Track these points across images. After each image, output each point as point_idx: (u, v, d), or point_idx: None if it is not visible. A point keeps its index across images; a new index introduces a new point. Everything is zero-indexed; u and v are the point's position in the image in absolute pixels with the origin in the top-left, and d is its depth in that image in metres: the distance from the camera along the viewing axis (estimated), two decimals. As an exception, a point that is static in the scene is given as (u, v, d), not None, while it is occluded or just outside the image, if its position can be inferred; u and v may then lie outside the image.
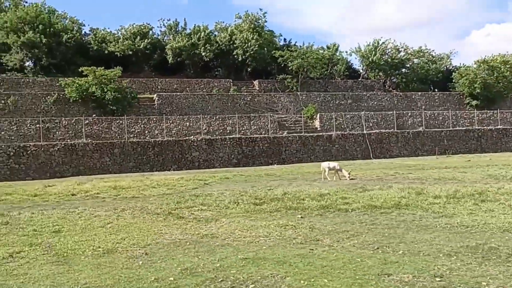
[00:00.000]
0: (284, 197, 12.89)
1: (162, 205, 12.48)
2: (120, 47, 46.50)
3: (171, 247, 7.61)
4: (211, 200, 13.04)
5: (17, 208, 13.68)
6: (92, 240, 8.23)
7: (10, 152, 28.21)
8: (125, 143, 30.52)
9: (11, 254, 7.26)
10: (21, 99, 36.51)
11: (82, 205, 13.85)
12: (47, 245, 7.74)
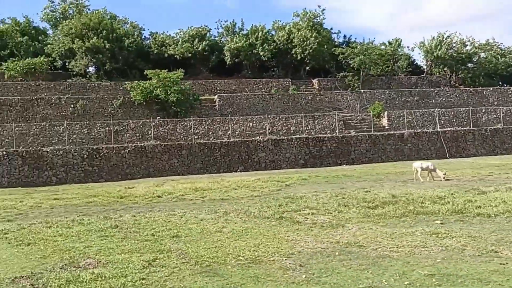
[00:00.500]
0: (398, 200, 11.76)
1: (263, 208, 11.71)
2: (180, 50, 46.79)
3: (320, 257, 6.77)
4: (314, 203, 12.14)
5: (112, 211, 13.41)
6: (222, 247, 7.51)
7: (84, 155, 28.76)
8: (192, 145, 30.34)
9: (149, 262, 6.67)
10: (89, 103, 37.40)
11: (175, 207, 13.37)
12: (180, 252, 7.09)
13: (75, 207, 15.09)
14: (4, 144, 31.68)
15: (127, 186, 20.80)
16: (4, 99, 36.28)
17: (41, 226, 10.62)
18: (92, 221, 10.78)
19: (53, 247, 8.18)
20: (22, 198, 18.86)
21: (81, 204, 15.80)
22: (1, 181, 27.38)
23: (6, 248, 8.39)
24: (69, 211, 14.08)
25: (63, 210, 14.36)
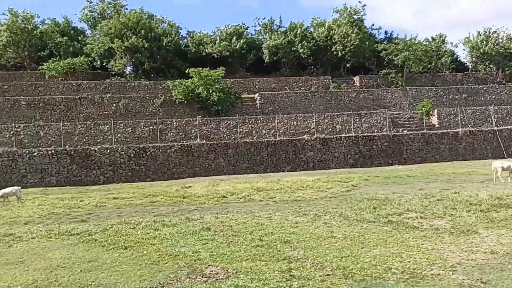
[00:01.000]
0: (509, 203, 10.65)
1: (355, 210, 10.80)
2: (217, 48, 46.30)
3: (492, 271, 5.84)
4: (408, 205, 11.14)
5: (185, 211, 12.76)
6: (356, 256, 6.64)
7: (131, 154, 28.46)
8: (239, 144, 29.65)
9: (286, 272, 5.87)
10: (131, 102, 37.24)
11: (250, 208, 12.61)
12: (312, 262, 6.25)
13: (142, 207, 14.53)
14: (50, 143, 31.75)
15: (183, 185, 20.19)
16: (48, 98, 36.49)
17: (125, 227, 10.02)
18: (176, 223, 10.12)
19: (155, 251, 7.51)
20: (79, 197, 18.53)
21: (146, 203, 15.25)
22: (50, 180, 27.34)
23: (103, 252, 7.77)
24: (138, 211, 13.52)
25: (131, 210, 13.81)
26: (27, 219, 12.71)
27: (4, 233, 10.19)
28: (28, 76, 45.12)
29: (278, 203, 13.78)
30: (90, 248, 8.17)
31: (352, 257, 6.46)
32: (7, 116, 35.06)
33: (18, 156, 27.22)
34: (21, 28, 46.93)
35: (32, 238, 9.52)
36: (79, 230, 10.02)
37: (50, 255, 7.85)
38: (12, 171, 27.03)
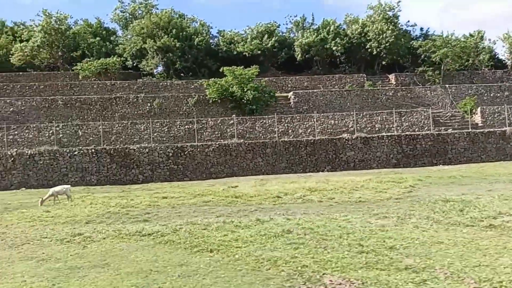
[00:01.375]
0: None
1: (440, 213, 10.09)
2: (249, 47, 45.89)
3: None
4: (499, 207, 10.34)
5: (245, 212, 12.27)
6: (483, 266, 5.96)
7: (169, 153, 28.24)
8: (277, 143, 29.10)
9: (424, 282, 5.27)
10: (165, 101, 37.14)
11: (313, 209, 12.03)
12: (447, 273, 5.55)
13: (196, 206, 14.14)
14: (88, 142, 31.86)
15: (230, 185, 19.74)
16: (85, 98, 36.71)
17: (196, 228, 9.57)
18: (249, 224, 9.62)
19: (246, 255, 7.01)
20: (126, 196, 18.28)
21: (199, 203, 14.85)
22: (90, 178, 27.34)
23: (188, 255, 7.32)
24: (196, 211, 13.11)
25: (187, 209, 13.41)
26: (87, 218, 12.44)
27: (71, 233, 9.89)
28: (62, 76, 45.64)
29: (342, 204, 13.15)
30: (171, 250, 7.73)
31: (484, 267, 5.79)
32: (44, 115, 35.41)
33: (60, 155, 27.32)
34: (55, 29, 47.50)
35: (104, 239, 9.17)
36: (149, 230, 9.63)
37: (132, 257, 7.44)
38: (53, 170, 27.14)
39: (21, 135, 31.60)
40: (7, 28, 53.86)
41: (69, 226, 11.17)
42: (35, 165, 27.02)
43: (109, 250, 8.09)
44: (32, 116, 35.26)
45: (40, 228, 11.16)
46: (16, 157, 26.86)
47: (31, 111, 35.43)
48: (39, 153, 27.22)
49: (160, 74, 47.54)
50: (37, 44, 46.85)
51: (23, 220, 12.91)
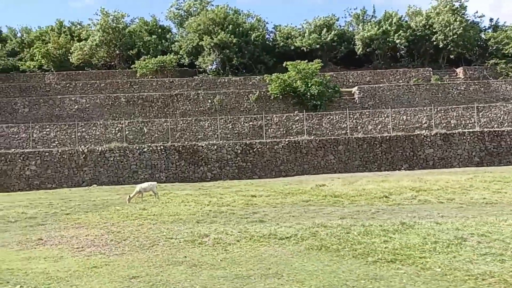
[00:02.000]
0: None
1: None
2: (307, 41, 44.60)
3: None
4: None
5: (366, 213, 11.07)
6: None
7: (238, 150, 27.44)
8: (350, 140, 27.67)
9: None
10: (225, 98, 36.49)
11: (445, 211, 10.68)
12: None
13: (301, 206, 13.08)
14: (154, 140, 31.64)
15: (320, 184, 18.56)
16: (146, 95, 36.63)
17: (337, 231, 8.47)
18: (397, 228, 8.43)
19: (445, 267, 5.83)
20: (207, 194, 17.54)
21: (300, 203, 13.78)
22: (160, 175, 26.95)
23: (365, 265, 6.22)
24: (307, 211, 12.03)
25: (297, 210, 12.36)
26: (192, 217, 11.67)
27: (195, 234, 9.05)
28: (120, 74, 46.07)
29: (470, 206, 11.71)
30: (338, 259, 6.66)
31: None
32: (108, 113, 35.61)
33: (129, 151, 27.12)
34: (113, 27, 48.01)
35: (237, 241, 8.26)
36: (283, 233, 8.64)
37: (297, 265, 6.44)
38: (123, 167, 26.96)
39: (88, 132, 31.79)
40: (65, 28, 55.07)
41: (182, 226, 10.38)
42: (106, 161, 26.93)
43: (258, 255, 7.13)
44: (96, 114, 35.55)
45: (152, 227, 10.43)
46: (87, 153, 26.88)
47: (95, 108, 35.72)
48: (110, 149, 27.12)
49: (213, 71, 47.07)
50: (95, 43, 47.50)
51: (123, 217, 12.30)
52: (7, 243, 9.47)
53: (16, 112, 34.84)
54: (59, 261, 7.49)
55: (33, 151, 26.77)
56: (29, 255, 8.06)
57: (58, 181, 26.39)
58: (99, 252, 7.99)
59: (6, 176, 26.05)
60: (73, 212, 13.90)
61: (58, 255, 7.92)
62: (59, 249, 8.53)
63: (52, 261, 7.46)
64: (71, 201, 17.96)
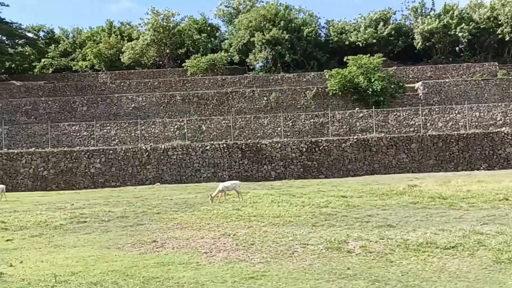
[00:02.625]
0: None
1: None
2: (363, 36, 42.94)
3: None
4: None
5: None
6: None
7: (303, 148, 26.32)
8: (424, 137, 26.00)
9: None
10: (281, 95, 35.46)
11: None
12: None
13: (417, 209, 11.79)
14: (212, 137, 31.04)
15: (412, 184, 17.18)
16: (201, 93, 36.13)
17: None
18: None
19: None
20: (286, 193, 16.56)
21: (409, 204, 12.50)
22: (222, 174, 26.21)
23: None
24: (430, 215, 10.74)
25: (418, 214, 11.07)
26: (299, 219, 10.77)
27: (335, 239, 7.98)
28: (171, 73, 45.91)
29: None
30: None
31: None
32: (164, 111, 35.32)
33: (192, 149, 26.52)
34: (163, 26, 47.95)
35: (393, 250, 7.20)
36: (441, 241, 7.50)
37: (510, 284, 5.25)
38: (186, 165, 26.39)
39: (147, 130, 31.54)
40: (115, 28, 55.63)
41: (301, 229, 9.40)
42: (168, 160, 26.44)
43: (442, 268, 5.98)
44: (152, 112, 35.32)
45: (267, 230, 9.49)
46: (150, 151, 26.48)
47: (151, 106, 35.51)
48: (172, 147, 26.63)
49: (261, 68, 46.19)
50: (146, 42, 47.58)
51: (222, 218, 11.46)
52: (120, 245, 8.75)
53: (75, 110, 35.11)
54: (199, 268, 6.62)
55: (97, 149, 26.63)
56: (158, 260, 7.24)
57: (122, 179, 26.12)
58: (237, 258, 7.08)
59: (71, 173, 26.01)
60: (163, 212, 13.19)
61: (192, 261, 7.07)
62: (184, 253, 7.69)
63: (193, 268, 6.60)
64: (147, 199, 17.39)
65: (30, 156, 25.95)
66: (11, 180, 25.49)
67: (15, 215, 13.53)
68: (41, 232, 10.47)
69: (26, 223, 11.96)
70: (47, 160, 25.98)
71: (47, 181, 25.81)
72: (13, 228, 11.31)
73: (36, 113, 34.76)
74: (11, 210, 15.29)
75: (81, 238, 9.62)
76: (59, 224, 11.53)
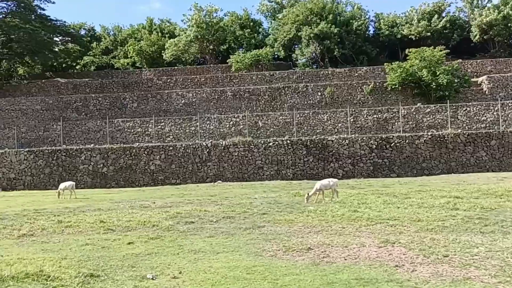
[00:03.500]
0: None
1: None
2: (416, 29, 41.05)
3: None
4: None
5: None
6: None
7: (372, 145, 24.82)
8: (504, 134, 24.16)
9: None
10: (336, 90, 33.99)
11: None
12: None
13: None
14: (269, 134, 29.87)
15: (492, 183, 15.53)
16: (253, 88, 35.00)
17: None
18: None
19: None
20: (387, 192, 15.16)
21: None
22: (286, 172, 24.97)
23: None
24: None
25: None
26: (442, 224, 9.29)
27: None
28: (214, 69, 45.00)
29: None
30: None
31: None
32: (214, 107, 34.36)
33: (254, 146, 25.35)
34: (206, 22, 47.08)
35: None
36: None
37: None
38: (248, 162, 25.25)
39: (202, 126, 30.59)
40: (155, 26, 55.18)
41: (468, 237, 8.01)
42: (230, 156, 25.35)
43: None
44: (203, 108, 34.39)
45: (434, 237, 8.13)
46: (211, 148, 25.45)
47: (201, 102, 34.60)
48: (234, 144, 25.52)
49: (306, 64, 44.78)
50: (189, 38, 46.80)
51: (347, 221, 10.18)
52: (269, 251, 7.57)
53: (125, 107, 34.48)
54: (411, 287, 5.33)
55: (157, 145, 25.77)
56: (353, 275, 5.96)
57: (182, 177, 25.17)
58: (452, 275, 5.75)
59: (131, 170, 25.21)
60: (268, 213, 11.99)
61: (393, 278, 5.78)
62: (369, 266, 6.42)
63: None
64: (227, 198, 16.27)
65: (90, 153, 25.27)
66: (70, 177, 24.84)
67: (108, 214, 12.58)
68: (159, 234, 9.39)
69: (127, 223, 10.94)
70: (107, 156, 25.26)
71: (106, 178, 25.08)
72: (119, 229, 10.29)
73: (87, 110, 34.28)
74: (94, 209, 14.39)
75: (210, 242, 8.50)
76: (168, 224, 10.47)
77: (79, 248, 8.31)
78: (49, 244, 8.87)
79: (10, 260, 7.15)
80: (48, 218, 12.37)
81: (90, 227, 10.65)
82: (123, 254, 7.64)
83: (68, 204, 16.09)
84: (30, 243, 9.01)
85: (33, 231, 10.25)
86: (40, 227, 10.70)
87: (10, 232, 10.19)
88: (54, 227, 10.73)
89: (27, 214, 13.67)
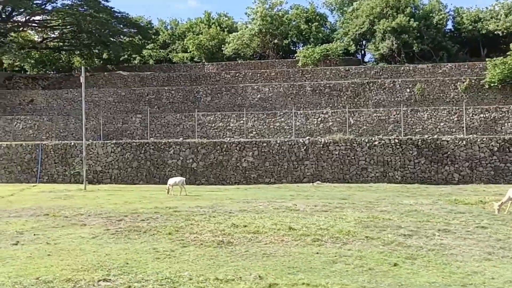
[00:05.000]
0: None
1: None
2: (504, 25, 37.80)
3: None
4: None
5: None
6: None
7: (494, 147, 22.06)
8: None
9: None
10: (427, 87, 31.25)
11: None
12: None
13: None
14: (361, 132, 27.47)
15: None
16: (334, 83, 32.64)
17: None
18: None
19: None
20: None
21: None
22: (393, 175, 22.49)
23: None
24: None
25: None
26: None
27: None
28: (279, 64, 42.88)
29: None
30: None
31: None
32: (292, 102, 32.16)
33: (357, 144, 22.97)
34: (271, 15, 45.05)
35: None
36: None
37: None
38: (350, 162, 22.88)
39: (287, 122, 28.45)
40: (214, 20, 53.57)
41: None
42: (330, 155, 23.05)
43: None
44: (280, 103, 32.28)
45: None
46: (308, 145, 23.21)
47: (278, 97, 32.48)
48: (334, 142, 23.21)
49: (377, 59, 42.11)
50: (253, 31, 44.87)
51: None
52: None
53: (198, 100, 32.70)
54: None
55: (249, 141, 23.73)
56: None
57: (277, 175, 23.04)
58: None
59: (221, 167, 23.25)
60: (490, 225, 9.62)
61: None
62: None
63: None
64: (354, 203, 13.98)
65: (178, 147, 23.44)
66: (158, 172, 23.13)
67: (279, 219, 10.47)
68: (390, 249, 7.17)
69: (320, 231, 8.78)
70: (196, 151, 23.38)
71: (196, 174, 23.20)
72: (329, 240, 8.14)
73: (159, 103, 32.67)
74: (231, 210, 12.34)
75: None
76: (349, 230, 8.28)
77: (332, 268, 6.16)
78: (276, 257, 6.78)
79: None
80: (205, 219, 10.38)
81: (283, 234, 8.55)
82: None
83: (190, 203, 14.14)
84: (251, 256, 6.95)
85: (224, 237, 8.20)
86: (223, 232, 8.65)
87: (196, 238, 8.17)
88: (238, 232, 8.67)
89: (166, 212, 11.77)
